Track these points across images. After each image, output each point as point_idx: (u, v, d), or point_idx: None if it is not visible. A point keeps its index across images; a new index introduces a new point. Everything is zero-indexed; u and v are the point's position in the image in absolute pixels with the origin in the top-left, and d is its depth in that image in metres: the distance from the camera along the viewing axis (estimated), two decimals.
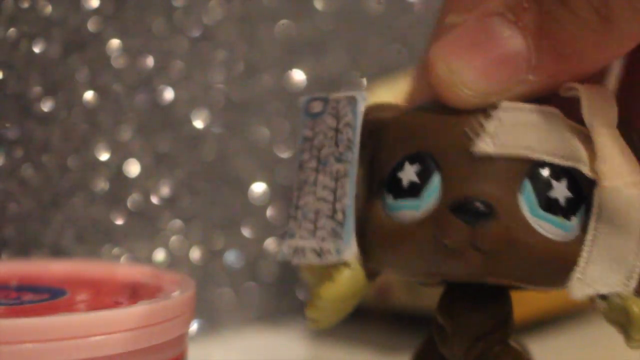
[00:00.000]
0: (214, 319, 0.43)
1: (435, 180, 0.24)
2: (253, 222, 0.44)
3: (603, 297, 0.23)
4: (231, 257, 0.44)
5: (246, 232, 0.44)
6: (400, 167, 0.24)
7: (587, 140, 0.23)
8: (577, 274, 0.23)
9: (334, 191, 0.25)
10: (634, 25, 0.22)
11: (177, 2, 0.42)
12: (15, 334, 0.23)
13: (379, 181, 0.25)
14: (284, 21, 0.44)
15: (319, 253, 0.25)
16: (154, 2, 0.41)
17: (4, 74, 0.37)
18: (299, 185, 0.25)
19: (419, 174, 0.24)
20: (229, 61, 0.43)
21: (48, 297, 0.28)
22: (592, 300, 0.23)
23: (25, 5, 0.37)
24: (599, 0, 0.22)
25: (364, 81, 0.47)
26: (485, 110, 0.23)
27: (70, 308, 0.27)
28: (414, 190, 0.24)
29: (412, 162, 0.24)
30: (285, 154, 0.45)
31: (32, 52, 0.38)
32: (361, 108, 0.25)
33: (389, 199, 0.25)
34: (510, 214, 0.23)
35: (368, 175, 0.25)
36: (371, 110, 0.26)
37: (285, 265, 0.44)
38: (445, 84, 0.24)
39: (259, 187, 0.44)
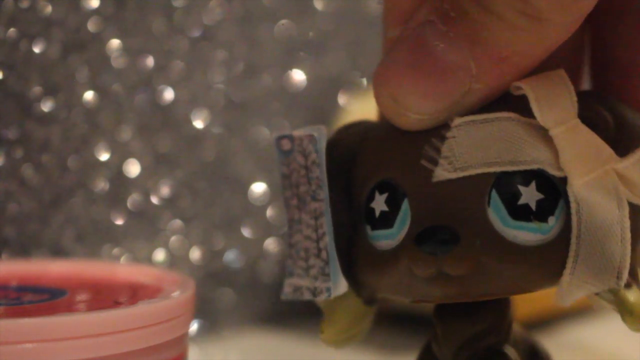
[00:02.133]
0: (214, 319, 0.43)
1: (405, 208, 0.24)
2: (253, 222, 0.44)
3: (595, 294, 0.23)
4: (231, 257, 0.44)
5: (246, 232, 0.44)
6: (371, 197, 0.24)
7: (549, 137, 0.23)
8: (565, 277, 0.22)
9: (316, 230, 0.25)
10: (564, 18, 0.22)
11: (177, 2, 0.42)
12: (15, 334, 0.23)
13: (358, 209, 0.25)
14: (284, 21, 0.45)
15: (314, 292, 0.25)
16: (154, 2, 0.41)
17: (4, 74, 0.37)
18: (289, 223, 0.25)
19: (388, 203, 0.24)
20: (229, 61, 0.43)
21: (48, 297, 0.28)
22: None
23: (25, 5, 0.37)
24: (521, 3, 0.22)
25: (364, 81, 0.47)
26: (439, 131, 0.23)
27: (70, 308, 0.27)
28: (387, 221, 0.24)
29: (381, 192, 0.24)
30: None
31: (32, 52, 0.38)
32: (323, 145, 0.24)
33: (368, 230, 0.24)
34: (480, 233, 0.23)
35: (347, 203, 0.25)
36: (339, 137, 0.26)
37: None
38: (392, 112, 0.23)
39: (259, 187, 0.44)
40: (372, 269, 0.24)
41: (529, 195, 0.23)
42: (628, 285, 0.23)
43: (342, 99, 0.47)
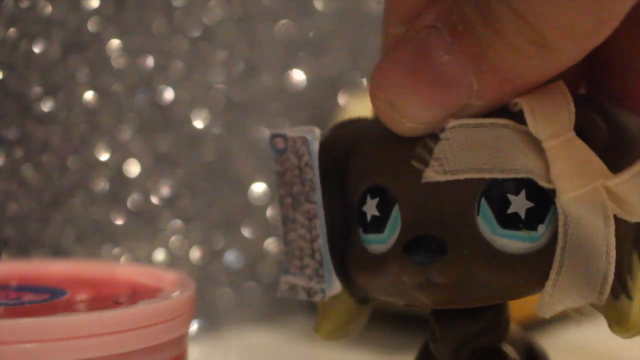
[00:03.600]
0: (214, 319, 0.43)
1: (395, 213, 0.23)
2: (253, 222, 0.44)
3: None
4: (231, 257, 0.44)
5: (246, 232, 0.44)
6: (363, 200, 0.24)
7: (541, 148, 0.22)
8: (547, 288, 0.22)
9: (310, 231, 0.25)
10: (571, 49, 0.22)
11: (177, 2, 0.42)
12: (15, 334, 0.23)
13: (351, 210, 0.25)
14: (284, 21, 0.45)
15: (309, 293, 0.25)
16: (154, 2, 0.41)
17: (4, 74, 0.37)
18: (283, 221, 0.25)
19: (379, 208, 0.24)
20: (229, 61, 0.43)
21: (48, 297, 0.28)
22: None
23: (25, 5, 0.37)
24: (532, 32, 0.21)
25: (364, 81, 0.47)
26: (433, 132, 0.23)
27: (70, 308, 0.27)
28: (378, 225, 0.24)
29: (372, 196, 0.24)
30: None
31: (32, 52, 0.38)
32: (315, 147, 0.24)
33: (361, 233, 0.24)
34: (468, 242, 0.22)
35: (342, 201, 0.25)
36: (333, 136, 0.25)
37: None
38: (387, 117, 0.23)
39: (259, 187, 0.44)
40: (364, 272, 0.24)
41: (519, 203, 0.22)
42: (616, 296, 0.22)
43: (342, 99, 0.47)
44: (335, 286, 0.25)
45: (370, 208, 0.24)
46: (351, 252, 0.25)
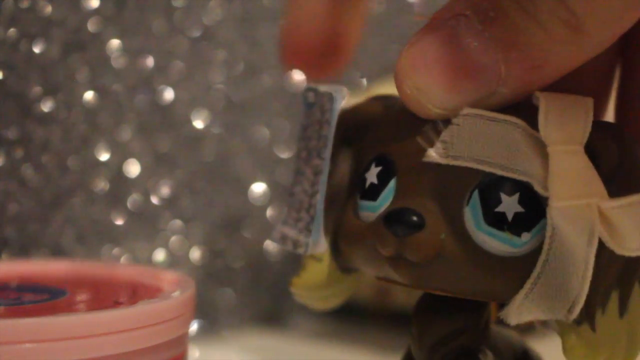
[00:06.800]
0: (214, 319, 0.43)
1: (391, 185, 0.24)
2: (253, 222, 0.44)
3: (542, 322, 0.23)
4: (231, 257, 0.44)
5: (246, 232, 0.44)
6: (368, 167, 0.24)
7: (547, 155, 0.22)
8: (519, 296, 0.22)
9: (312, 185, 0.25)
10: (604, 34, 0.22)
11: (177, 2, 0.42)
12: (15, 334, 0.23)
13: (357, 177, 0.25)
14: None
15: (295, 244, 0.25)
16: (154, 2, 0.41)
17: (4, 74, 0.37)
18: (294, 173, 0.26)
19: (379, 177, 0.24)
20: (229, 61, 0.43)
21: (48, 297, 0.28)
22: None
23: (25, 5, 0.37)
24: (567, 13, 0.21)
25: (364, 81, 0.47)
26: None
27: (70, 308, 0.27)
28: (373, 193, 0.24)
29: (377, 164, 0.24)
30: (285, 154, 0.45)
31: (32, 52, 0.38)
32: (338, 106, 0.24)
33: (357, 198, 0.25)
34: (447, 227, 0.22)
35: (351, 170, 0.25)
36: (361, 105, 0.26)
37: (286, 266, 0.44)
38: (413, 101, 0.23)
39: (259, 187, 0.44)
40: (347, 238, 0.25)
41: (509, 205, 0.22)
42: (579, 322, 0.22)
43: None
44: (321, 245, 0.25)
45: (371, 175, 0.24)
46: (344, 217, 0.25)
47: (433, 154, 0.23)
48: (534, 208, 0.22)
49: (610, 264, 0.22)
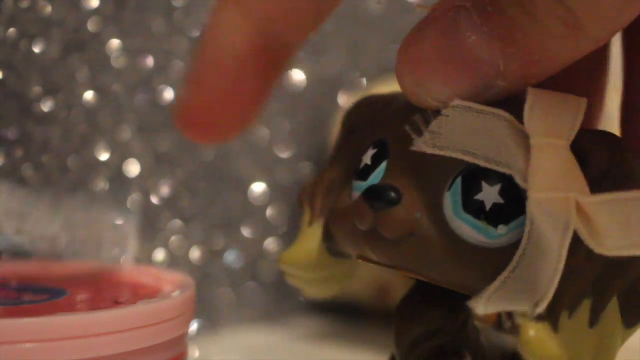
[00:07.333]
0: (214, 319, 0.43)
1: (383, 166, 0.24)
2: (253, 222, 0.44)
3: (509, 315, 0.23)
4: (231, 257, 0.44)
5: (246, 232, 0.44)
6: (366, 150, 0.25)
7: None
8: (491, 289, 0.22)
9: None
10: (602, 30, 0.22)
11: (177, 2, 0.42)
12: (15, 334, 0.23)
13: (358, 163, 0.26)
14: None
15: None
16: (154, 2, 0.41)
17: (4, 74, 0.37)
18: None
19: (373, 159, 0.25)
20: None
21: (48, 297, 0.28)
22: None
23: (25, 5, 0.37)
24: (564, 10, 0.21)
25: (364, 81, 0.47)
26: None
27: (70, 308, 0.27)
28: (366, 173, 0.25)
29: (374, 147, 0.25)
30: (285, 154, 0.45)
31: (32, 52, 0.38)
32: None
33: (353, 179, 0.25)
34: (425, 209, 0.23)
35: (355, 159, 0.26)
36: (371, 97, 0.26)
37: None
38: (413, 93, 0.23)
39: (259, 187, 0.44)
40: (335, 215, 0.25)
41: (489, 194, 0.23)
42: (541, 319, 0.22)
43: (342, 99, 0.47)
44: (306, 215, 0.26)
45: (367, 157, 0.25)
46: (339, 199, 0.25)
47: (421, 144, 0.23)
48: (515, 202, 0.22)
49: (585, 266, 0.22)
